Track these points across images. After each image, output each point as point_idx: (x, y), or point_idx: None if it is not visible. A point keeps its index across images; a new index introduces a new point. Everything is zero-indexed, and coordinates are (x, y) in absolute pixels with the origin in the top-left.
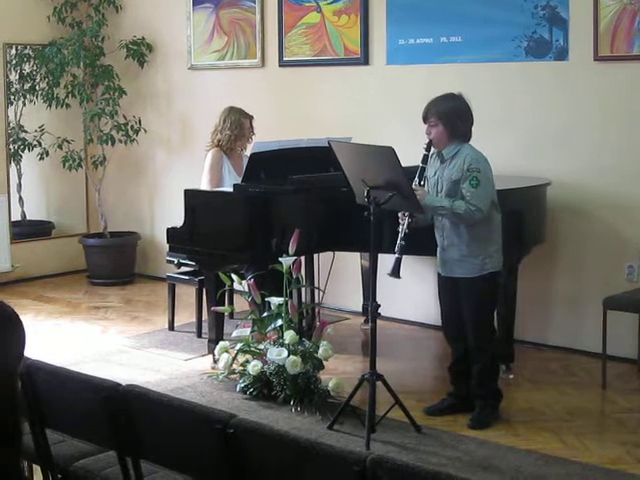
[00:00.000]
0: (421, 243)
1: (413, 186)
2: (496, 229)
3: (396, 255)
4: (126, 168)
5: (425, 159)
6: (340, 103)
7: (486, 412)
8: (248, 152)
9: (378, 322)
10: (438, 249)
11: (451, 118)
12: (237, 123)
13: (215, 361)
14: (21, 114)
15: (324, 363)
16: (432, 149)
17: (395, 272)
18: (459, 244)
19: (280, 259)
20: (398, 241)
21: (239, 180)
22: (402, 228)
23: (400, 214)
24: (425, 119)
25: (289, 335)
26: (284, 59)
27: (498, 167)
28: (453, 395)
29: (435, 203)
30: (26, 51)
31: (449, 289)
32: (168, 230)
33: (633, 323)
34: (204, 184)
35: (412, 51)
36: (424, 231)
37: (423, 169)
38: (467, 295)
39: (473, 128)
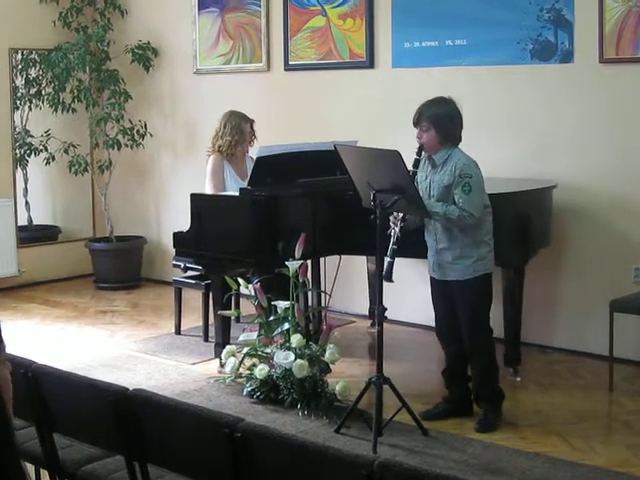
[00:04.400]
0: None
1: None
2: (488, 231)
3: (388, 259)
4: (132, 172)
5: (417, 163)
6: (346, 107)
7: (491, 414)
8: (253, 154)
9: (385, 325)
10: (430, 252)
11: (443, 123)
12: (237, 128)
13: (222, 365)
14: (27, 119)
15: (331, 366)
16: (423, 153)
17: (387, 276)
18: (452, 247)
19: (286, 263)
20: (390, 245)
21: (242, 184)
22: (394, 232)
23: (392, 218)
24: (416, 123)
25: (296, 339)
26: (289, 63)
27: (503, 170)
28: (447, 400)
29: (429, 208)
30: (32, 56)
31: (443, 292)
32: (174, 234)
33: None
34: (207, 190)
35: (417, 54)
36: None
37: (415, 173)
38: (461, 297)
39: (478, 131)
